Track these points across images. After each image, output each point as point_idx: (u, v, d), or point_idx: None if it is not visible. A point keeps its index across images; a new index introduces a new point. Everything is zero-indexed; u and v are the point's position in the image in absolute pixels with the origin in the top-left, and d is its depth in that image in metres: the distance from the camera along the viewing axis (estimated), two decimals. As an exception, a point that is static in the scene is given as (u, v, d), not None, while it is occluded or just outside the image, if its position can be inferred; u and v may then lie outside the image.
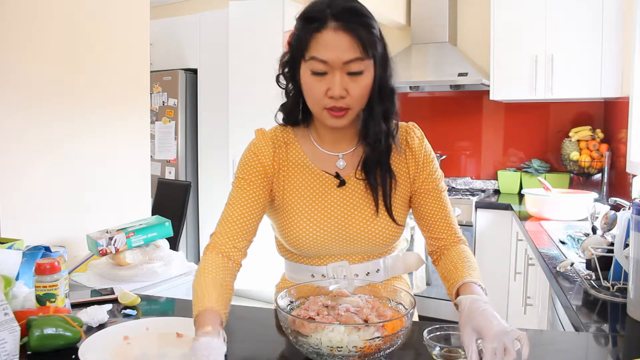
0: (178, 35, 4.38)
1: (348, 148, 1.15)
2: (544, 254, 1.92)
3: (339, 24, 0.98)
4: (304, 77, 1.04)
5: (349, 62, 0.99)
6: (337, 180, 1.13)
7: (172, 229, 2.10)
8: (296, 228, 1.12)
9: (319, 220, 1.11)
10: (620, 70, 3.04)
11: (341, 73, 1.00)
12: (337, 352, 0.86)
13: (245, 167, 1.12)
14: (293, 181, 1.13)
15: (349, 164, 1.14)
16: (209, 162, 4.31)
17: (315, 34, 0.99)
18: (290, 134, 1.16)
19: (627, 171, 2.80)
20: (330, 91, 1.01)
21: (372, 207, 1.12)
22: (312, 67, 1.01)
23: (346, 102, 1.02)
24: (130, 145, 2.47)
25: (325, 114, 1.04)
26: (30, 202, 2.03)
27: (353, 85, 1.01)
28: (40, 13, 2.04)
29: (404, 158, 1.16)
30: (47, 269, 1.16)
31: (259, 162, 1.12)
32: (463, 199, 3.39)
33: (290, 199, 1.13)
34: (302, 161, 1.14)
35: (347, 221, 1.12)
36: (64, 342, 1.01)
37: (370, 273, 1.17)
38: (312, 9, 1.02)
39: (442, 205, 1.17)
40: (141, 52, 2.51)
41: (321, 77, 1.01)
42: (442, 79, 3.56)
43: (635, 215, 1.18)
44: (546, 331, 1.52)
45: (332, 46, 0.98)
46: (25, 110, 2.01)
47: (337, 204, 1.12)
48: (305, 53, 1.02)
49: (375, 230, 1.12)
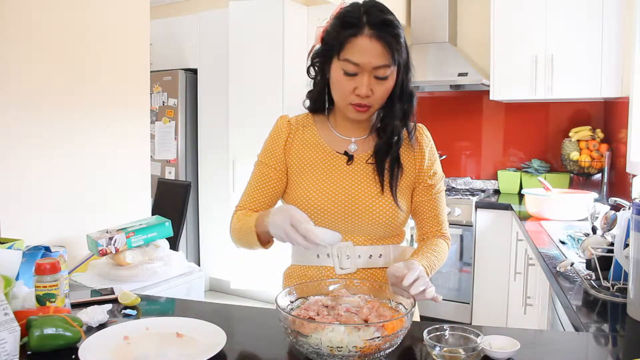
0: (178, 35, 4.38)
1: (361, 135, 1.27)
2: (544, 254, 1.92)
3: (374, 32, 1.10)
4: (335, 74, 1.16)
5: (378, 68, 1.11)
6: (346, 158, 1.24)
7: (172, 229, 2.10)
8: (304, 195, 1.21)
9: (327, 191, 1.21)
10: (620, 70, 3.04)
11: (369, 76, 1.12)
12: (337, 352, 0.86)
13: (265, 151, 1.28)
14: (305, 157, 1.26)
15: (360, 148, 1.26)
16: (209, 162, 4.31)
17: (351, 38, 1.11)
18: (309, 119, 1.30)
19: (627, 171, 2.80)
20: (357, 90, 1.13)
21: (377, 187, 1.22)
22: (345, 67, 1.13)
23: (369, 100, 1.15)
24: (130, 145, 2.47)
25: (350, 108, 1.17)
26: (30, 202, 2.03)
27: (378, 87, 1.14)
28: (40, 13, 2.04)
29: (412, 153, 1.27)
30: (47, 269, 1.16)
31: (276, 144, 1.27)
32: (463, 199, 3.39)
33: (300, 172, 1.25)
34: (317, 141, 1.27)
35: (353, 196, 1.21)
36: (64, 342, 1.01)
37: (372, 256, 1.23)
38: (350, 14, 1.13)
39: (435, 205, 1.29)
40: (141, 52, 2.51)
41: (351, 77, 1.13)
42: (442, 79, 3.56)
43: (635, 215, 1.18)
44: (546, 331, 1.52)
45: (366, 52, 1.10)
46: (26, 110, 2.01)
47: (344, 180, 1.22)
48: (340, 53, 1.12)
49: (379, 208, 1.20)
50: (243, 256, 3.67)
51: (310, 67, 1.25)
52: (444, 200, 1.31)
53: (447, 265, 3.38)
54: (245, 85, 3.83)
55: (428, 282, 1.05)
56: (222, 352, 0.97)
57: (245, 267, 3.83)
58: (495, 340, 0.96)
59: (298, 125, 1.28)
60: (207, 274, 4.28)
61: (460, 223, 3.37)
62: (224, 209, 4.04)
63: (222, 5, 4.02)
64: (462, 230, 3.37)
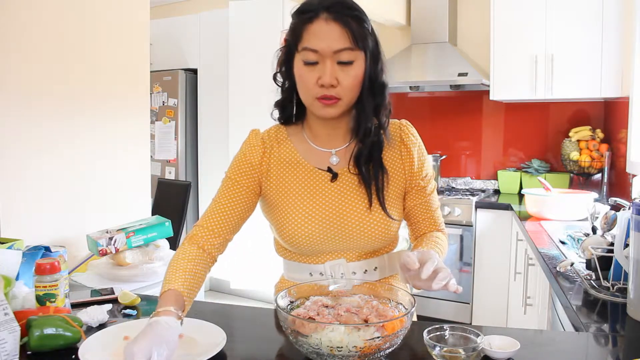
0: (178, 35, 4.38)
1: (341, 145, 1.17)
2: (544, 254, 1.92)
3: (330, 15, 1.03)
4: (296, 69, 1.08)
5: (339, 52, 1.03)
6: (329, 175, 1.14)
7: (172, 229, 2.10)
8: (291, 224, 1.13)
9: (313, 215, 1.12)
10: (620, 70, 3.04)
11: (332, 62, 1.03)
12: (337, 352, 0.86)
13: (234, 167, 1.17)
14: (285, 178, 1.15)
15: (342, 160, 1.16)
16: (209, 162, 4.31)
17: (307, 24, 1.04)
18: (283, 132, 1.19)
19: (627, 171, 2.80)
20: (320, 80, 1.04)
21: (365, 202, 1.13)
22: (304, 57, 1.05)
23: (337, 91, 1.05)
24: (130, 145, 2.47)
25: (317, 104, 1.07)
26: (30, 202, 2.03)
27: (343, 75, 1.04)
28: (40, 13, 2.04)
29: (398, 155, 1.18)
30: (47, 269, 1.16)
31: (247, 162, 1.16)
32: (463, 199, 3.39)
33: (283, 196, 1.14)
34: (294, 158, 1.16)
35: (341, 215, 1.13)
36: (64, 342, 1.01)
37: (367, 271, 1.18)
38: (305, 4, 1.07)
39: (428, 205, 1.21)
40: (141, 52, 2.51)
41: (313, 67, 1.05)
42: (442, 79, 3.55)
43: (635, 215, 1.18)
44: (546, 331, 1.52)
45: (323, 35, 1.03)
46: (25, 111, 2.01)
47: (330, 199, 1.14)
48: (298, 44, 1.06)
49: (370, 224, 1.13)
50: (243, 256, 3.67)
51: (277, 74, 1.15)
52: (436, 197, 1.24)
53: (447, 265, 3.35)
54: (245, 85, 3.83)
55: (449, 272, 0.97)
56: (222, 352, 0.97)
57: (245, 267, 3.83)
58: (495, 340, 0.96)
59: (272, 142, 1.17)
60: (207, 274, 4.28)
61: (460, 223, 3.37)
62: (224, 209, 4.02)
63: (222, 5, 4.02)
64: (462, 230, 3.37)
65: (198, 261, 1.08)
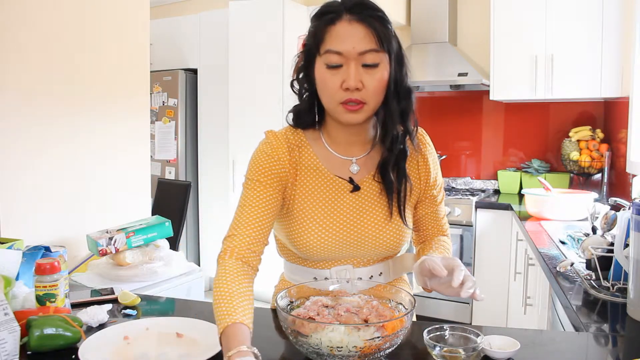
0: (178, 35, 4.38)
1: (361, 152, 1.13)
2: (544, 254, 1.92)
3: (354, 15, 0.99)
4: (318, 73, 1.03)
5: (364, 53, 0.99)
6: (350, 185, 1.11)
7: (172, 229, 2.10)
8: (306, 233, 1.09)
9: (331, 227, 1.09)
10: (620, 70, 3.04)
11: (356, 64, 0.99)
12: (337, 352, 0.86)
13: (259, 168, 1.08)
14: (305, 186, 1.10)
15: (362, 169, 1.12)
16: (209, 162, 4.31)
17: (329, 26, 1.00)
18: (301, 137, 1.13)
19: (627, 171, 2.80)
20: (345, 83, 0.99)
21: (385, 212, 1.11)
22: (327, 60, 1.01)
23: (361, 95, 1.01)
24: (130, 145, 2.47)
25: (341, 109, 1.02)
26: (30, 202, 2.03)
27: (368, 78, 1.00)
28: (40, 12, 2.04)
29: (415, 164, 1.16)
30: (47, 269, 1.16)
31: (277, 162, 1.08)
32: (463, 199, 3.39)
33: (301, 204, 1.10)
34: (315, 165, 1.11)
35: (359, 226, 1.10)
36: (64, 342, 1.01)
37: (373, 276, 1.17)
38: (326, 6, 1.03)
39: (437, 213, 1.21)
40: (141, 52, 2.51)
41: (336, 70, 1.00)
42: (442, 79, 3.55)
43: (635, 215, 1.18)
44: (546, 331, 1.52)
45: (347, 37, 0.98)
46: (25, 110, 2.01)
47: (349, 210, 1.11)
48: (320, 47, 1.01)
49: (387, 234, 1.11)
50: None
51: (294, 81, 1.11)
52: (443, 205, 1.24)
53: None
54: (245, 85, 3.83)
55: (474, 280, 0.96)
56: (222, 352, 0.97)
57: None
58: (495, 340, 0.96)
59: (293, 146, 1.10)
60: (207, 274, 4.27)
61: (460, 223, 3.37)
62: (224, 209, 4.03)
63: (222, 5, 4.02)
64: (462, 230, 3.37)
65: (245, 279, 1.00)
